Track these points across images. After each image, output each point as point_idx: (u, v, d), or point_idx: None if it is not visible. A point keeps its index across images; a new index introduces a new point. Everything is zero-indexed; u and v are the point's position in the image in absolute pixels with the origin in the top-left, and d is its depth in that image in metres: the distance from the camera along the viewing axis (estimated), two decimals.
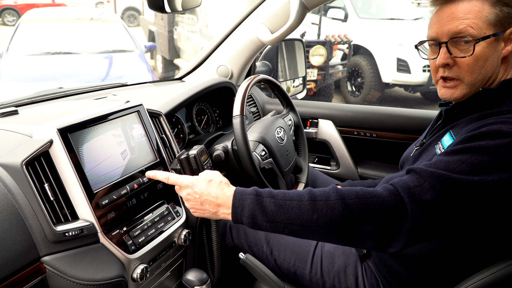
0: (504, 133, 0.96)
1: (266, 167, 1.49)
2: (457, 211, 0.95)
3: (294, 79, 2.76)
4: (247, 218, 1.04)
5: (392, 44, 7.01)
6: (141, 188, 1.20)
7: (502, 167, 0.94)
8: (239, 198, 1.06)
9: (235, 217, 1.06)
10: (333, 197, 0.99)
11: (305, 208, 1.00)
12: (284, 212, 1.01)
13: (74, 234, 1.02)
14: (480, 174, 0.94)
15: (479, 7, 1.07)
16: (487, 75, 1.12)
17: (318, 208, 0.99)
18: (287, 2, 1.79)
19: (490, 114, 1.08)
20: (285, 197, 1.03)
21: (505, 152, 0.94)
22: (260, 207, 1.03)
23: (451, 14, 1.09)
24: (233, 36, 2.02)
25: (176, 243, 1.29)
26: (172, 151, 1.41)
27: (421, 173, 0.98)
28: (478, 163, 0.95)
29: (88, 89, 1.75)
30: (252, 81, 1.48)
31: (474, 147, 0.97)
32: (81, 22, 5.93)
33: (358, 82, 7.40)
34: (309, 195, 1.01)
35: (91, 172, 1.08)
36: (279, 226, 1.02)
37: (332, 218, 0.97)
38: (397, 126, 2.00)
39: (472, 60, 1.09)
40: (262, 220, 1.03)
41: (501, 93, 1.10)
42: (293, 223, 1.00)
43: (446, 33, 1.10)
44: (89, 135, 1.12)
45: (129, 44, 5.63)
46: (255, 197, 1.04)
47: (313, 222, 0.99)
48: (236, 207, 1.06)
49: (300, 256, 1.39)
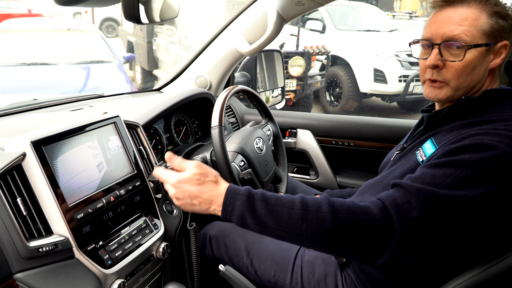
0: (487, 146, 0.98)
1: (245, 178, 1.49)
2: (443, 226, 0.97)
3: (273, 89, 2.77)
4: (236, 218, 1.04)
5: (368, 55, 7.14)
6: (118, 201, 1.18)
7: (485, 181, 0.97)
8: (231, 197, 1.06)
9: (224, 215, 1.06)
10: (324, 208, 0.99)
11: (295, 216, 1.00)
12: (274, 217, 1.01)
13: (48, 250, 0.99)
14: (464, 188, 0.96)
15: (477, 15, 1.10)
16: (472, 83, 1.14)
17: (308, 219, 0.99)
18: (264, 14, 1.81)
19: (471, 124, 1.10)
20: (276, 202, 1.03)
21: (488, 165, 0.97)
22: (250, 210, 1.03)
23: (449, 18, 1.12)
24: (212, 47, 2.02)
25: (155, 256, 1.27)
26: (150, 162, 1.40)
27: (409, 189, 0.99)
28: (462, 177, 0.97)
29: (63, 100, 1.72)
30: (230, 91, 1.48)
31: (458, 161, 0.99)
32: (58, 32, 5.84)
33: (336, 92, 7.49)
34: (301, 203, 1.01)
35: (66, 186, 1.06)
36: (267, 230, 1.03)
37: (321, 230, 0.98)
38: (374, 135, 2.03)
39: (461, 65, 1.11)
40: (251, 222, 1.03)
41: (483, 102, 1.13)
42: (282, 230, 1.01)
43: (440, 35, 1.13)
44: (64, 147, 1.09)
45: (107, 55, 5.58)
46: (247, 198, 1.04)
47: (302, 232, 1.00)
48: (226, 206, 1.05)
49: (281, 266, 1.38)
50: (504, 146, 0.98)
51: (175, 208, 1.39)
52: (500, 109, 1.11)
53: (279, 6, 1.77)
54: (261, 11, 1.83)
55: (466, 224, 0.99)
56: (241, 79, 2.43)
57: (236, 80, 2.36)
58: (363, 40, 7.70)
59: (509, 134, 1.01)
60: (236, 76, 2.39)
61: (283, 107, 2.83)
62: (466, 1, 1.11)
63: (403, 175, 1.17)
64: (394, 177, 1.20)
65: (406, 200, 0.98)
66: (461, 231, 1.01)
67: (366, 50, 7.25)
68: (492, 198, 0.97)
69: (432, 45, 1.15)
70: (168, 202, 1.38)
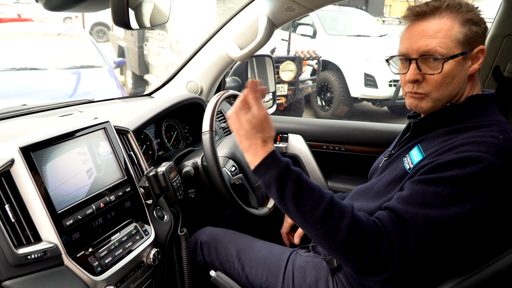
0: (474, 159, 1.00)
1: (237, 183, 1.49)
2: (439, 245, 1.00)
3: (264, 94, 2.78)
4: (264, 182, 1.07)
5: (359, 59, 7.18)
6: (107, 207, 1.17)
7: (475, 195, 0.98)
8: (269, 162, 1.06)
9: (255, 172, 1.09)
10: (345, 221, 1.01)
11: (316, 214, 1.02)
12: (297, 203, 1.03)
13: (36, 257, 0.98)
14: (455, 205, 0.98)
15: (449, 25, 1.10)
16: (454, 92, 1.15)
17: (327, 222, 1.01)
18: (255, 19, 1.82)
19: (457, 130, 1.12)
20: (306, 192, 1.04)
21: (476, 179, 0.99)
22: (279, 185, 1.04)
23: (422, 31, 1.13)
24: (203, 52, 2.02)
25: (145, 262, 1.26)
26: (141, 168, 1.39)
27: (403, 215, 1.01)
28: (453, 195, 0.99)
29: (53, 106, 1.71)
30: (221, 97, 1.48)
31: (448, 177, 1.00)
32: (48, 37, 5.81)
33: (327, 97, 7.53)
34: (328, 204, 1.03)
35: (55, 192, 1.05)
36: (285, 208, 1.06)
37: (332, 238, 1.01)
38: (365, 139, 2.04)
39: (440, 77, 1.12)
40: (275, 194, 1.06)
41: (467, 108, 1.14)
42: (298, 217, 1.05)
43: (416, 50, 1.13)
44: (53, 153, 1.08)
45: (98, 60, 5.56)
46: (282, 172, 1.05)
47: (315, 229, 1.03)
48: (261, 167, 1.07)
49: (272, 272, 1.38)
50: (490, 157, 0.99)
51: (166, 214, 1.38)
52: (484, 114, 1.13)
53: (270, 11, 1.78)
54: (251, 17, 1.83)
55: (460, 238, 1.02)
56: (233, 84, 2.43)
57: (227, 85, 2.36)
58: (354, 45, 7.75)
59: (494, 142, 1.02)
60: (227, 81, 2.40)
61: (275, 112, 2.83)
62: (438, 12, 1.12)
63: (391, 182, 1.18)
64: (383, 184, 1.21)
65: (401, 229, 1.00)
66: (455, 244, 1.03)
67: (357, 55, 7.30)
68: (483, 210, 0.99)
69: (409, 60, 1.15)
70: (158, 208, 1.37)
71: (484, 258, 1.05)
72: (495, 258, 1.03)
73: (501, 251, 1.04)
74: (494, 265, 1.03)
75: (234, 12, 1.92)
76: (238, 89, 2.44)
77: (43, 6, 0.97)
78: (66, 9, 0.99)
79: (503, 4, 1.67)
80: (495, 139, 1.03)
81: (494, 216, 1.03)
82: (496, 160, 0.99)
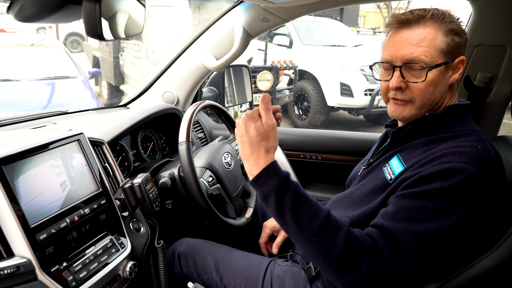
0: (456, 171, 1.01)
1: (214, 193, 1.48)
2: (429, 258, 1.01)
3: (241, 104, 2.79)
4: (263, 192, 1.05)
5: (335, 69, 7.28)
6: (82, 220, 1.15)
7: (458, 206, 1.00)
8: (271, 171, 1.05)
9: (255, 181, 1.07)
10: (341, 235, 1.01)
11: (313, 226, 1.01)
12: (294, 215, 1.02)
13: (9, 273, 0.95)
14: (441, 218, 1.00)
15: (433, 35, 1.12)
16: (436, 100, 1.18)
17: (323, 235, 1.01)
18: (231, 30, 1.83)
19: (436, 140, 1.14)
20: (304, 204, 1.03)
21: (459, 190, 1.00)
22: (278, 195, 1.03)
23: (407, 39, 1.14)
24: (179, 62, 2.02)
25: (121, 276, 1.24)
26: (116, 180, 1.37)
27: (392, 232, 1.02)
28: (437, 208, 1.01)
29: (26, 118, 1.67)
30: (198, 107, 1.48)
31: (432, 191, 1.02)
32: (21, 48, 5.70)
33: (304, 106, 7.59)
34: (325, 217, 1.02)
35: (27, 206, 1.03)
36: (282, 220, 1.04)
37: (327, 251, 1.00)
38: (341, 148, 2.06)
39: (423, 85, 1.14)
40: (272, 205, 1.04)
41: (445, 118, 1.16)
42: (294, 230, 1.03)
43: (400, 58, 1.15)
44: (26, 166, 1.06)
45: (72, 70, 5.48)
46: (282, 182, 1.04)
47: (310, 242, 1.01)
48: (261, 176, 1.06)
49: (250, 282, 1.38)
50: (471, 168, 1.01)
51: (142, 226, 1.36)
52: (461, 124, 1.15)
53: (245, 22, 1.79)
54: (227, 27, 1.84)
55: (447, 249, 1.03)
56: (209, 94, 2.43)
57: (204, 95, 2.36)
58: (329, 55, 7.86)
59: (474, 152, 1.05)
60: (204, 91, 2.40)
61: None
62: (422, 21, 1.14)
63: (371, 192, 1.19)
64: (363, 193, 1.22)
65: (392, 245, 1.01)
66: (442, 255, 1.04)
67: (333, 65, 7.40)
68: (467, 221, 1.01)
69: (393, 67, 1.17)
70: (135, 220, 1.36)
71: (462, 263, 1.08)
72: (471, 263, 1.06)
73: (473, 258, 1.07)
74: (471, 269, 1.05)
75: (210, 23, 1.93)
76: (214, 99, 2.44)
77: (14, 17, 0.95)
78: (38, 20, 0.97)
79: (473, 15, 1.72)
80: (473, 149, 1.05)
81: (477, 225, 1.05)
82: (477, 170, 1.01)
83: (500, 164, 1.09)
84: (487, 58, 1.73)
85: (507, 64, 1.71)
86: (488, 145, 1.09)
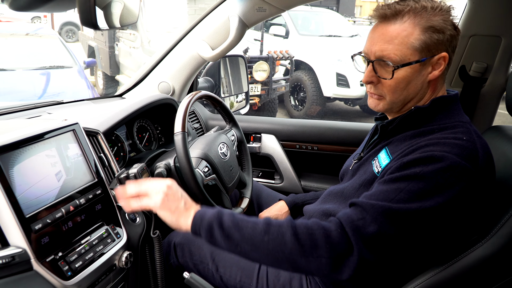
0: (437, 158, 1.01)
1: (210, 184, 1.48)
2: (400, 239, 1.00)
3: (237, 94, 2.78)
4: (205, 229, 1.09)
5: (331, 59, 7.27)
6: (77, 210, 1.15)
7: (438, 192, 0.99)
8: (202, 212, 1.12)
9: (194, 227, 1.10)
10: (285, 225, 1.04)
11: (258, 229, 1.04)
12: (239, 229, 1.06)
13: (4, 262, 0.96)
14: (418, 201, 0.99)
15: (408, 32, 1.09)
16: (409, 97, 1.17)
17: (270, 232, 1.03)
18: (226, 20, 1.82)
19: (422, 133, 1.13)
20: (242, 218, 1.09)
21: (439, 177, 0.99)
22: (218, 221, 1.08)
23: (381, 34, 1.13)
24: (174, 52, 2.01)
25: (117, 266, 1.25)
26: (112, 170, 1.37)
27: (363, 206, 1.02)
28: (415, 191, 1.00)
29: (21, 107, 1.66)
30: (193, 97, 1.48)
31: (410, 175, 1.02)
32: (15, 37, 5.65)
33: (300, 97, 7.59)
34: (265, 221, 1.07)
35: (22, 196, 1.02)
36: (232, 243, 1.06)
37: (282, 243, 1.01)
38: (336, 139, 2.07)
39: (393, 82, 1.14)
40: (218, 234, 1.07)
41: (432, 110, 1.15)
42: (245, 242, 1.05)
43: (373, 53, 1.15)
44: (21, 156, 1.06)
45: (67, 60, 5.44)
46: (216, 212, 1.10)
47: (264, 244, 1.03)
48: (196, 218, 1.10)
49: (246, 272, 1.38)
50: (453, 156, 1.01)
51: (138, 216, 1.37)
52: (448, 116, 1.14)
53: (241, 12, 1.78)
54: (223, 17, 1.83)
55: (423, 234, 1.02)
56: (205, 84, 2.42)
57: (199, 86, 2.35)
58: (326, 45, 7.84)
59: (458, 143, 1.04)
60: (200, 81, 2.39)
61: (248, 112, 2.84)
62: (400, 16, 1.10)
63: (361, 186, 1.20)
64: (353, 188, 1.23)
65: (361, 216, 1.01)
66: (419, 240, 1.03)
67: (329, 55, 7.38)
68: (446, 208, 1.00)
69: (368, 61, 1.17)
70: None
71: (451, 255, 1.09)
72: (465, 252, 1.06)
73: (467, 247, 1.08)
74: (465, 258, 1.06)
75: (206, 12, 1.92)
76: (210, 89, 2.43)
77: (9, 6, 0.94)
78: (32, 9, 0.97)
79: (469, 5, 1.71)
80: (458, 141, 1.05)
81: (461, 215, 1.05)
82: (459, 159, 1.00)
83: (488, 155, 1.07)
84: (482, 48, 1.73)
85: (502, 54, 1.71)
86: (474, 136, 1.08)
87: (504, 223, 1.04)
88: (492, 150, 1.10)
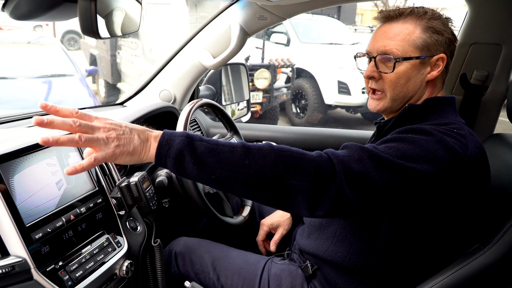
0: (427, 132, 1.05)
1: (211, 192, 1.48)
2: (382, 189, 0.97)
3: (239, 102, 2.78)
4: (173, 158, 0.95)
5: (332, 67, 7.29)
6: (78, 219, 1.15)
7: (425, 159, 0.99)
8: (168, 138, 0.97)
9: (159, 157, 0.96)
10: (266, 147, 0.97)
11: (238, 153, 0.95)
12: (215, 154, 0.95)
13: (4, 272, 0.95)
14: (405, 160, 0.99)
15: (410, 30, 1.16)
16: (409, 94, 1.20)
17: (251, 154, 0.95)
18: (228, 28, 1.82)
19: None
20: (217, 143, 0.97)
21: (429, 145, 1.01)
22: (189, 148, 0.95)
23: (384, 33, 1.20)
24: (176, 60, 2.01)
25: (118, 275, 1.24)
26: (112, 178, 1.37)
27: (352, 147, 1.02)
28: (404, 150, 1.01)
29: (21, 116, 1.66)
30: (195, 105, 1.48)
31: (401, 138, 1.05)
32: (17, 45, 5.68)
33: (302, 104, 7.60)
34: (243, 143, 0.97)
35: (23, 205, 1.02)
36: (206, 171, 0.95)
37: (264, 165, 0.94)
38: (338, 146, 2.05)
39: (394, 76, 1.18)
40: (189, 161, 0.94)
41: (425, 109, 1.17)
42: (222, 168, 0.94)
43: (376, 49, 1.20)
44: (21, 165, 1.06)
45: (69, 68, 5.46)
46: (186, 137, 0.96)
47: (244, 168, 0.94)
48: (162, 146, 0.96)
49: (247, 281, 1.38)
50: (443, 136, 1.03)
51: (139, 225, 1.36)
52: (442, 116, 1.16)
53: (242, 20, 1.79)
54: (224, 25, 1.84)
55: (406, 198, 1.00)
56: (206, 92, 2.42)
57: (201, 94, 2.35)
58: (327, 53, 7.86)
59: (448, 132, 1.06)
60: (201, 89, 2.39)
61: (250, 120, 2.84)
62: (402, 17, 1.19)
63: None
64: None
65: (348, 154, 0.99)
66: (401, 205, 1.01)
67: (330, 63, 7.40)
68: (433, 181, 0.99)
69: (370, 58, 1.23)
70: (131, 218, 1.35)
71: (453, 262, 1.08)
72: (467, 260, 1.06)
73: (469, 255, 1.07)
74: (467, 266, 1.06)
75: (207, 21, 1.93)
76: (212, 97, 2.44)
77: (9, 15, 0.95)
78: (33, 18, 0.97)
79: (469, 13, 1.72)
80: (448, 131, 1.07)
81: (454, 210, 1.06)
82: (448, 138, 1.03)
83: (479, 150, 1.08)
84: (482, 56, 1.74)
85: (502, 62, 1.71)
86: (467, 133, 1.10)
87: (506, 231, 1.04)
88: (493, 158, 1.10)
